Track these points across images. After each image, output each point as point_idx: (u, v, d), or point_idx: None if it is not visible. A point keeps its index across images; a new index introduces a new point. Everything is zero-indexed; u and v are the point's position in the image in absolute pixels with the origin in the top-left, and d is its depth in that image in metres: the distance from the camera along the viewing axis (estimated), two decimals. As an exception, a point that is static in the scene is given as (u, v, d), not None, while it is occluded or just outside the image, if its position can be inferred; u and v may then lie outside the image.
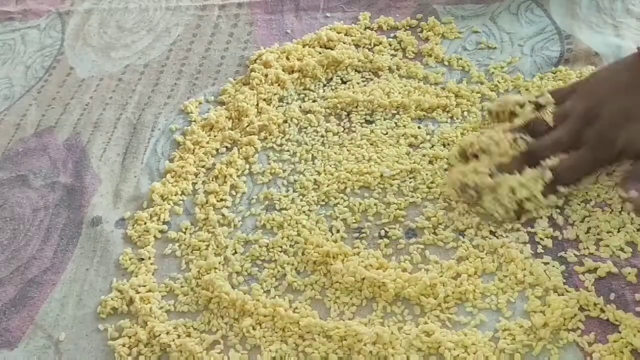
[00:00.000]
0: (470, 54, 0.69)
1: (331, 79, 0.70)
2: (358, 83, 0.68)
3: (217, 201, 0.60)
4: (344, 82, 0.69)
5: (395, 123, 0.64)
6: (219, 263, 0.55)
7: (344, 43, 0.73)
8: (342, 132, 0.64)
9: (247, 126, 0.66)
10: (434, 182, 0.58)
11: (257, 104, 0.68)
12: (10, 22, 0.85)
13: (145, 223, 0.59)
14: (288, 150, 0.63)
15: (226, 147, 0.65)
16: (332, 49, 0.72)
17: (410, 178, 0.59)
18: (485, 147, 0.56)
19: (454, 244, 0.53)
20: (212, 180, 0.62)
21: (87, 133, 0.69)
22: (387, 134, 0.63)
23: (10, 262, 0.59)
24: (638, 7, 0.70)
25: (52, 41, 0.81)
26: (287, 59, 0.72)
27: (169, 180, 0.62)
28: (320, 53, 0.72)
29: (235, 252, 0.56)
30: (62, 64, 0.78)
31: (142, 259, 0.57)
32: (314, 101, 0.68)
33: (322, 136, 0.64)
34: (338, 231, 0.56)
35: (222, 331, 0.51)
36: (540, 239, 0.52)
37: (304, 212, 0.58)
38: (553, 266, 0.50)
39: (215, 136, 0.66)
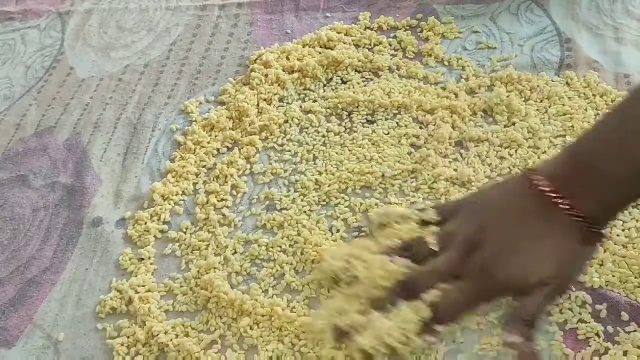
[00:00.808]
0: (470, 54, 0.69)
1: (331, 79, 0.70)
2: (358, 83, 0.68)
3: (218, 201, 0.60)
4: (344, 82, 0.69)
5: (397, 123, 0.64)
6: (219, 263, 0.55)
7: (344, 43, 0.73)
8: (344, 132, 0.64)
9: (249, 126, 0.66)
10: (435, 182, 0.58)
11: (258, 104, 0.68)
12: (10, 22, 0.85)
13: (145, 223, 0.59)
14: (289, 150, 0.63)
15: (227, 147, 0.65)
16: (332, 49, 0.72)
17: (411, 178, 0.59)
18: (358, 274, 0.49)
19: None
20: (213, 180, 0.62)
21: (88, 133, 0.69)
22: (388, 134, 0.63)
23: (10, 262, 0.59)
24: (638, 8, 0.70)
25: (52, 41, 0.81)
26: (287, 59, 0.72)
27: (169, 180, 0.62)
28: (320, 53, 0.72)
29: (235, 252, 0.56)
30: (62, 64, 0.78)
31: (142, 259, 0.57)
32: (315, 101, 0.67)
33: (324, 136, 0.64)
34: (338, 230, 0.56)
35: (220, 331, 0.51)
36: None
37: (304, 212, 0.58)
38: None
39: (216, 136, 0.66)
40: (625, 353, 0.46)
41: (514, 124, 0.62)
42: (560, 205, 0.45)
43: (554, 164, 0.47)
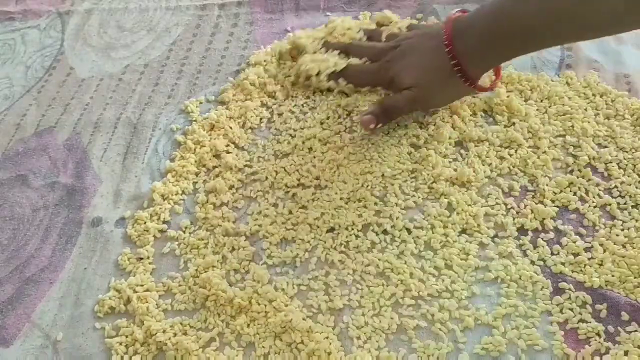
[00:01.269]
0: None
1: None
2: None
3: (217, 200, 0.60)
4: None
5: (397, 123, 0.63)
6: (217, 261, 0.55)
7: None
8: (344, 131, 0.64)
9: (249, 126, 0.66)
10: (435, 183, 0.58)
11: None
12: (10, 22, 0.85)
13: (145, 223, 0.59)
14: (288, 147, 0.63)
15: (227, 147, 0.65)
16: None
17: (411, 178, 0.59)
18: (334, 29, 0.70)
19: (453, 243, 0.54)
20: (212, 179, 0.62)
21: (88, 133, 0.69)
22: (388, 133, 0.63)
23: (10, 262, 0.58)
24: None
25: (52, 41, 0.81)
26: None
27: (169, 180, 0.62)
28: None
29: (233, 250, 0.56)
30: (62, 64, 0.78)
31: (141, 259, 0.57)
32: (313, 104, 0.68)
33: (323, 135, 0.64)
34: (334, 229, 0.56)
35: (218, 328, 0.51)
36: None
37: (303, 206, 0.58)
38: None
39: (217, 137, 0.66)
40: (626, 353, 0.46)
41: (514, 124, 0.62)
42: (445, 42, 0.58)
43: (467, 14, 0.60)
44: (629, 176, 0.56)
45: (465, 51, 0.57)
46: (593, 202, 0.55)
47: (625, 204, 0.55)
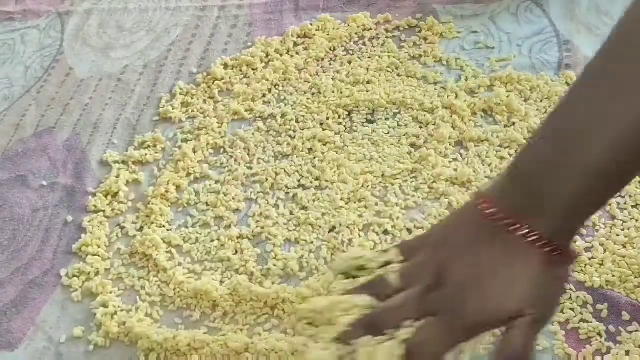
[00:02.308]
0: (468, 54, 0.69)
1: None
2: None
3: (221, 204, 0.60)
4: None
5: (397, 123, 0.64)
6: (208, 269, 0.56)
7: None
8: (344, 131, 0.64)
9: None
10: (435, 182, 0.58)
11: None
12: (10, 22, 0.85)
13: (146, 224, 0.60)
14: (288, 148, 0.64)
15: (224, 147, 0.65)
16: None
17: (411, 178, 0.59)
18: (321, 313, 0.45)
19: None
20: (226, 183, 0.62)
21: (87, 134, 0.69)
22: (388, 133, 0.63)
23: (11, 263, 0.58)
24: (637, 7, 0.70)
25: (52, 41, 0.81)
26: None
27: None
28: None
29: (237, 252, 0.57)
30: (61, 64, 0.78)
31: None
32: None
33: (323, 135, 0.64)
34: (335, 228, 0.57)
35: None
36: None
37: (304, 207, 0.59)
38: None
39: (216, 137, 0.66)
40: (627, 353, 0.46)
41: (514, 124, 0.62)
42: (513, 231, 0.40)
43: (502, 186, 0.42)
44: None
45: (551, 225, 0.40)
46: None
47: (625, 203, 0.55)
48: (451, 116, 0.63)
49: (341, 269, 0.48)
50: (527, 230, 0.40)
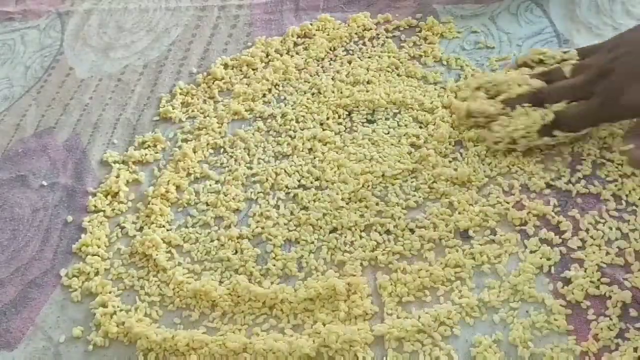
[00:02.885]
0: (468, 54, 0.69)
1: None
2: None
3: (222, 204, 0.60)
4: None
5: (397, 123, 0.64)
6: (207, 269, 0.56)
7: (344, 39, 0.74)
8: (344, 131, 0.64)
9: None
10: (435, 182, 0.58)
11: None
12: (10, 22, 0.85)
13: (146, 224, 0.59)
14: (288, 148, 0.63)
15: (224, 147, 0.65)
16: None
17: (411, 178, 0.59)
18: (497, 84, 0.61)
19: (455, 243, 0.54)
20: (226, 183, 0.62)
21: (87, 134, 0.69)
22: (388, 133, 0.63)
23: (10, 263, 0.58)
24: (638, 8, 0.70)
25: (52, 41, 0.81)
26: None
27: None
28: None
29: (236, 252, 0.56)
30: (61, 64, 0.78)
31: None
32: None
33: (323, 135, 0.64)
34: (336, 229, 0.56)
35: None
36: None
37: (305, 207, 0.58)
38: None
39: (216, 137, 0.66)
40: (636, 349, 0.46)
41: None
42: None
43: None
44: (629, 175, 0.57)
45: None
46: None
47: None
48: (451, 116, 0.63)
49: (523, 59, 0.63)
50: None
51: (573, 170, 0.57)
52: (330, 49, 0.73)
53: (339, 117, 0.65)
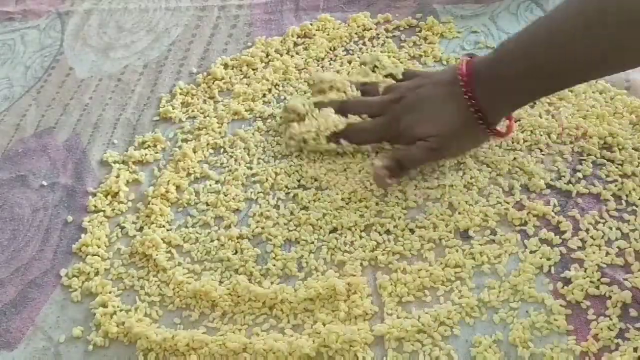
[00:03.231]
0: (468, 54, 0.69)
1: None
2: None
3: (222, 204, 0.60)
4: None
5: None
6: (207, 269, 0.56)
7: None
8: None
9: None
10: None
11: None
12: (10, 22, 0.85)
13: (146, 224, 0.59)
14: (289, 150, 0.63)
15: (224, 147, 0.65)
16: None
17: (412, 179, 0.59)
18: (322, 83, 0.65)
19: (455, 243, 0.54)
20: (226, 183, 0.62)
21: (87, 134, 0.69)
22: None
23: (10, 263, 0.58)
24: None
25: (52, 41, 0.81)
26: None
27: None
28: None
29: (236, 252, 0.56)
30: (61, 64, 0.78)
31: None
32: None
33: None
34: (336, 229, 0.57)
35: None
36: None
37: (305, 207, 0.58)
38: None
39: (216, 137, 0.66)
40: (635, 349, 0.46)
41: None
42: (463, 89, 0.54)
43: (484, 57, 0.56)
44: (629, 175, 0.57)
45: (489, 96, 0.54)
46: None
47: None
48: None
49: (364, 60, 0.67)
50: (469, 93, 0.54)
51: (573, 171, 0.57)
52: (330, 49, 0.73)
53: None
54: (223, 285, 0.54)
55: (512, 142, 0.60)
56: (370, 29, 0.74)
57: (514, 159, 0.59)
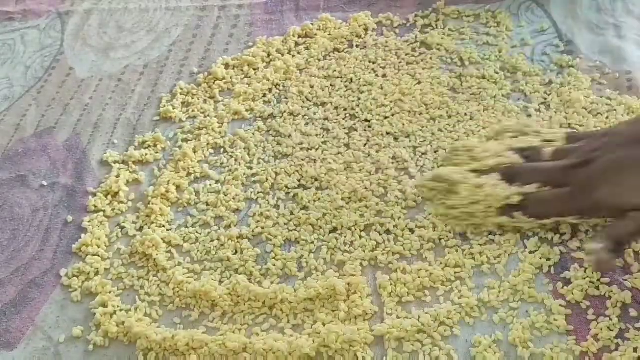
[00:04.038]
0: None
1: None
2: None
3: (222, 204, 0.60)
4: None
5: (398, 123, 0.64)
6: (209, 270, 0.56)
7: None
8: (344, 131, 0.64)
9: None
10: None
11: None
12: (10, 22, 0.85)
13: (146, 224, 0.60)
14: (288, 149, 0.63)
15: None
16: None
17: (411, 177, 0.59)
18: (473, 151, 0.56)
19: (455, 243, 0.54)
20: (226, 183, 0.62)
21: (87, 134, 0.69)
22: (389, 133, 0.63)
23: (10, 263, 0.58)
24: (638, 7, 0.70)
25: (52, 41, 0.81)
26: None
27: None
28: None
29: (236, 252, 0.56)
30: (61, 64, 0.78)
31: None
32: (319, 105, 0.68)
33: (324, 135, 0.64)
34: (336, 229, 0.56)
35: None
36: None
37: (305, 207, 0.58)
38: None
39: (217, 137, 0.66)
40: (636, 349, 0.46)
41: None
42: None
43: None
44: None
45: None
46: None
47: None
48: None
49: (511, 129, 0.58)
50: None
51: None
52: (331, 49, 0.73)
53: (339, 117, 0.65)
54: (223, 285, 0.54)
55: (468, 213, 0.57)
56: (372, 28, 0.74)
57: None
